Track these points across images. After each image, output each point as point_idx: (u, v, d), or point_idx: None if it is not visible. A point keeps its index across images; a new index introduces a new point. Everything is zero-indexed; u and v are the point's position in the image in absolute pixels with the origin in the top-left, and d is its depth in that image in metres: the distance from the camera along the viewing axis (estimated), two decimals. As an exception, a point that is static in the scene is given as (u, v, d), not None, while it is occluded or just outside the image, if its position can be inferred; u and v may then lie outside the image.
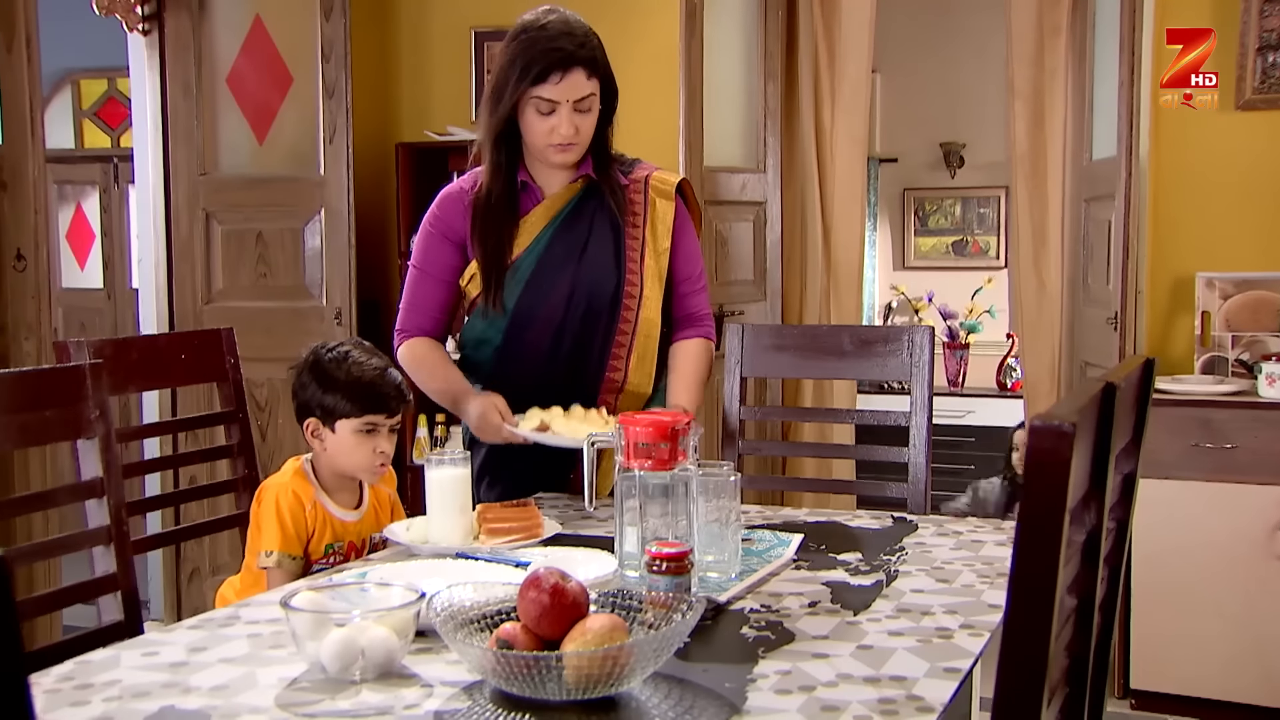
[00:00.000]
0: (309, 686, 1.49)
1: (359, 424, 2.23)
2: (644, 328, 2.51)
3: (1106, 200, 4.04)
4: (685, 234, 2.57)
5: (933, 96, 7.03)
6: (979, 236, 7.30)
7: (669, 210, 2.53)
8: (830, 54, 4.70)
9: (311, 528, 2.22)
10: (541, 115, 2.37)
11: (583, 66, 2.36)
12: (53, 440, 1.82)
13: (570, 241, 2.49)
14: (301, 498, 2.22)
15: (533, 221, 2.49)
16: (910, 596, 1.83)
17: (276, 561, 2.18)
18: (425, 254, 2.55)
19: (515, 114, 2.40)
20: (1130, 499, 1.75)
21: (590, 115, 2.41)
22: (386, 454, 2.28)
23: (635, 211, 2.53)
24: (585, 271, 2.48)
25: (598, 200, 2.51)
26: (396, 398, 2.28)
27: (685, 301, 2.58)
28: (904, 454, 2.57)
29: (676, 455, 1.84)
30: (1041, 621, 1.04)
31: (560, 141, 2.39)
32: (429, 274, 2.54)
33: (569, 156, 2.43)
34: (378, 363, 2.28)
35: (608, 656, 1.36)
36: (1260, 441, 3.63)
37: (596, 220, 2.51)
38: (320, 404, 2.25)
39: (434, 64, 4.97)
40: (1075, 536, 1.33)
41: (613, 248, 2.50)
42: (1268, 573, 3.62)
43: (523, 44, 2.37)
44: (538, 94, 2.35)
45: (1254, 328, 4.02)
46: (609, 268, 2.50)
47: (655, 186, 2.55)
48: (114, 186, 7.04)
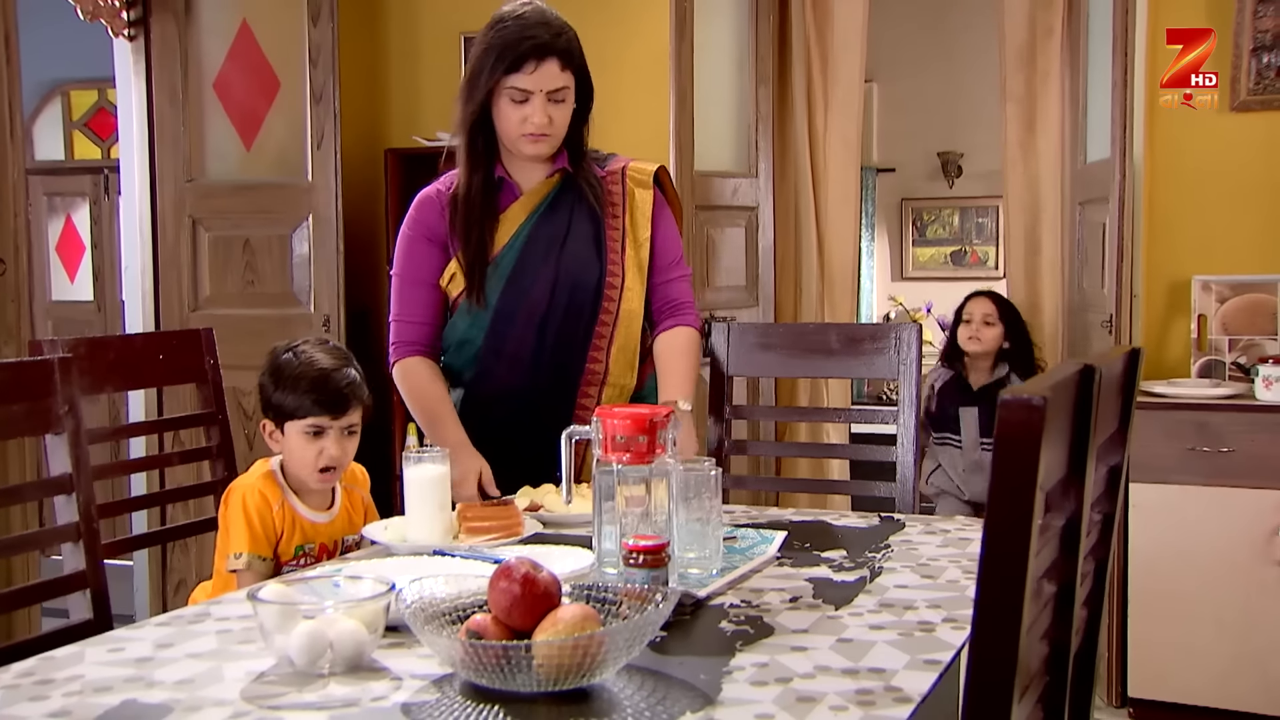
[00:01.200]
0: (276, 680, 1.45)
1: (304, 425, 2.13)
2: (625, 319, 2.48)
3: (1101, 203, 4.01)
4: (664, 221, 2.54)
5: (930, 106, 7.02)
6: (977, 246, 7.28)
7: (647, 199, 2.52)
8: (823, 58, 4.68)
9: (280, 529, 2.15)
10: (515, 104, 2.35)
11: (557, 57, 2.34)
12: (20, 435, 1.79)
13: (550, 235, 2.47)
14: (268, 498, 2.14)
15: (511, 216, 2.47)
16: (894, 592, 1.80)
17: (246, 563, 2.10)
18: (407, 259, 2.51)
19: (489, 105, 2.39)
20: (1116, 493, 1.71)
21: (564, 107, 2.39)
22: (335, 458, 2.14)
23: (614, 203, 2.50)
24: (566, 264, 2.46)
25: (575, 193, 2.49)
26: (345, 397, 2.15)
27: (666, 289, 2.54)
28: (892, 453, 2.53)
29: (655, 448, 1.81)
30: (1012, 599, 1.01)
31: (533, 131, 2.36)
32: (414, 279, 2.50)
33: (541, 148, 2.41)
34: (329, 361, 2.16)
35: (578, 646, 1.33)
36: (1257, 445, 3.59)
37: (575, 213, 2.48)
38: (271, 404, 2.17)
39: (423, 69, 4.95)
40: (1053, 521, 1.30)
41: (593, 240, 2.48)
42: (1266, 578, 3.58)
43: (497, 33, 2.35)
44: (512, 84, 2.34)
45: (1251, 331, 3.99)
46: (590, 260, 2.47)
47: (632, 176, 2.53)
48: (104, 198, 7.01)
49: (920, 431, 2.98)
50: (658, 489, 1.80)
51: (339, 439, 2.15)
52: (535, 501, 2.29)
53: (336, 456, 2.15)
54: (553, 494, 2.31)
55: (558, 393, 2.42)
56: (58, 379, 1.81)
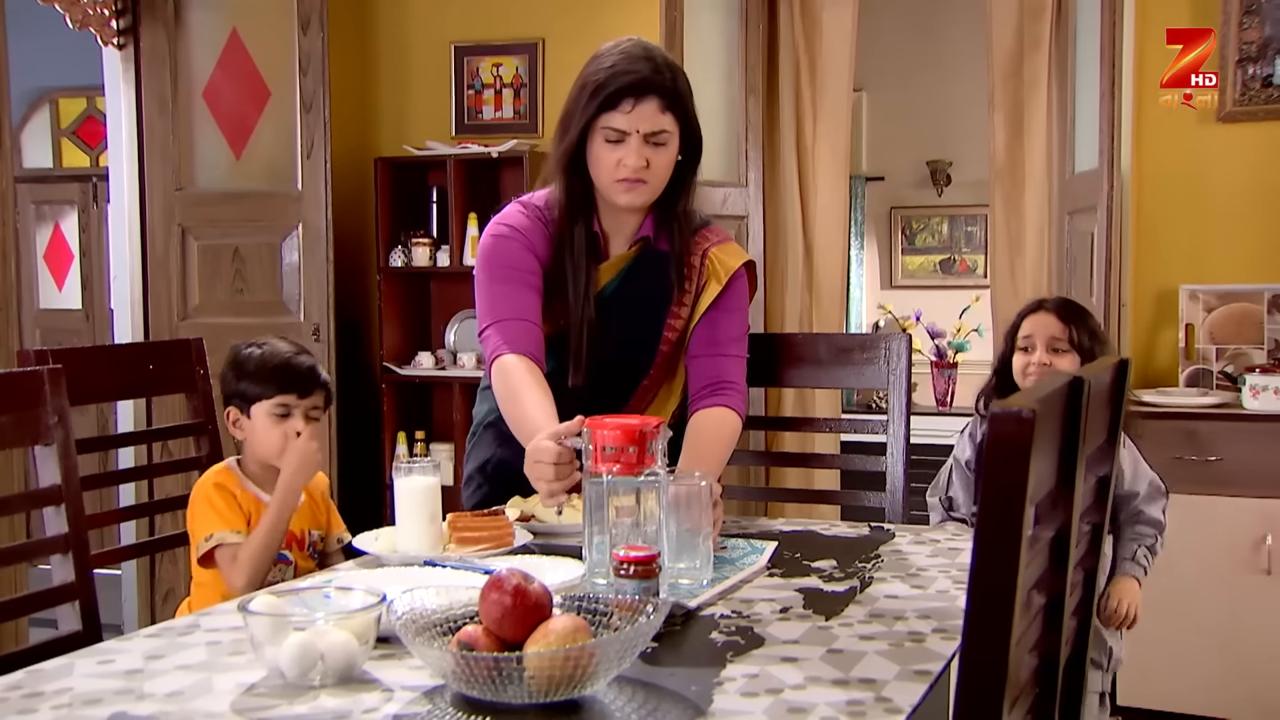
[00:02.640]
0: (266, 692, 1.45)
1: (272, 405, 2.27)
2: (664, 391, 2.38)
3: (1089, 213, 4.03)
4: (738, 299, 2.34)
5: (919, 115, 7.04)
6: (966, 255, 7.30)
7: (717, 290, 2.30)
8: (812, 69, 4.70)
9: (246, 511, 2.22)
10: (609, 146, 2.15)
11: (658, 96, 2.13)
12: (9, 446, 1.78)
13: (624, 308, 2.30)
14: (227, 485, 2.24)
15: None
16: (884, 602, 1.80)
17: (220, 540, 2.17)
18: (507, 258, 2.22)
19: (584, 146, 2.19)
20: (1105, 503, 1.72)
21: (664, 151, 2.17)
22: (303, 436, 2.27)
23: (689, 278, 2.30)
24: (622, 346, 2.30)
25: (652, 268, 2.30)
26: (308, 379, 2.29)
27: (717, 363, 2.30)
28: (881, 463, 2.54)
29: (645, 459, 1.81)
30: (1002, 612, 1.01)
31: (628, 175, 2.15)
32: (516, 278, 2.21)
33: (636, 197, 2.19)
34: (290, 348, 2.32)
35: (569, 657, 1.33)
36: (1245, 454, 3.61)
37: (646, 290, 2.30)
38: (236, 391, 2.29)
39: (413, 78, 4.96)
40: (1042, 533, 1.31)
41: (658, 324, 2.31)
42: (1253, 587, 3.59)
43: (595, 68, 2.17)
44: (607, 122, 2.13)
45: (1238, 340, 4.01)
46: (646, 344, 2.32)
47: (714, 266, 2.31)
48: (93, 206, 6.99)
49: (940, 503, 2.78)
50: (648, 499, 1.80)
51: (305, 420, 2.28)
52: (526, 512, 2.29)
53: (303, 433, 2.27)
54: (541, 505, 2.31)
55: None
56: (47, 390, 1.81)
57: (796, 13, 4.67)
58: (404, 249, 4.75)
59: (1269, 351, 3.96)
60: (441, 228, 4.74)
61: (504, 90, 4.84)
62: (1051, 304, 2.73)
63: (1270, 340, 3.97)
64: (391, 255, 4.75)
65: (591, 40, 4.68)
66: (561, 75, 4.69)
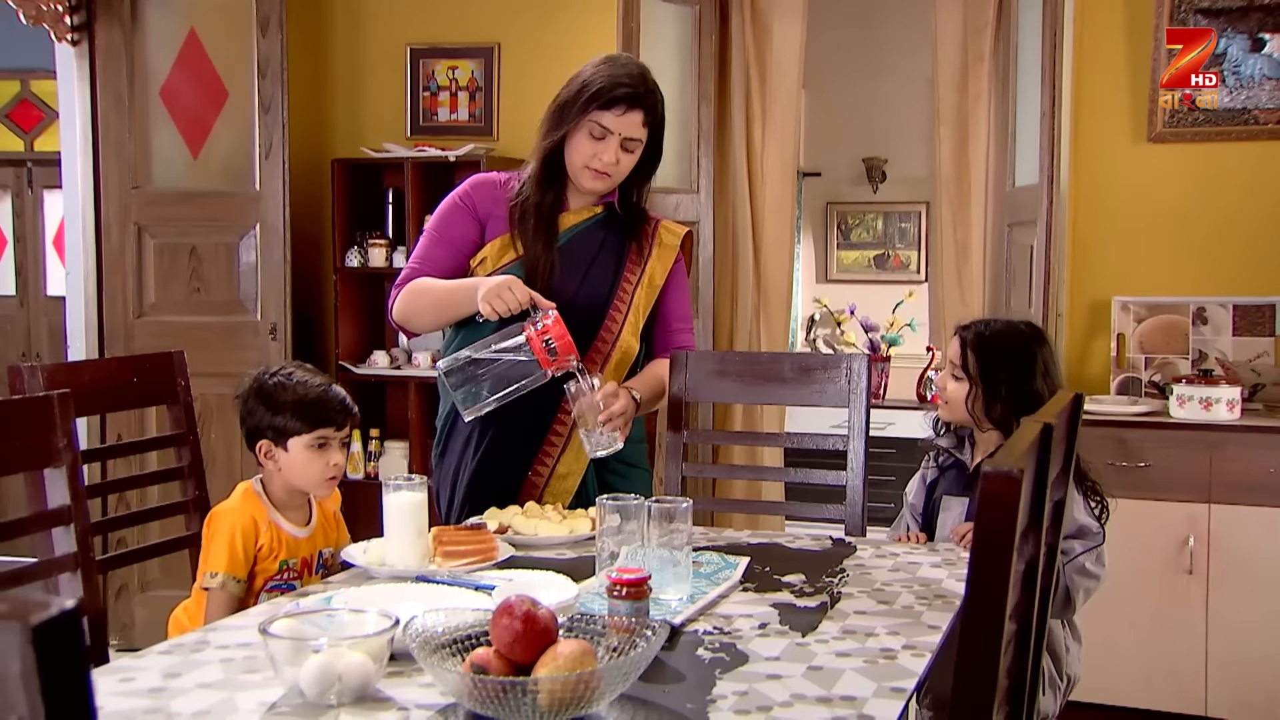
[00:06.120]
0: (289, 711, 1.54)
1: (310, 439, 2.31)
2: (621, 346, 2.64)
3: (1028, 225, 4.19)
4: (679, 280, 2.76)
5: (856, 112, 7.17)
6: (900, 251, 7.46)
7: (670, 256, 2.73)
8: (761, 76, 4.82)
9: (266, 548, 2.28)
10: (591, 139, 2.54)
11: (644, 111, 2.53)
12: (22, 470, 1.84)
13: (578, 257, 2.63)
14: (257, 520, 2.28)
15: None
16: (854, 618, 1.93)
17: (221, 583, 2.22)
18: (447, 222, 2.67)
19: (568, 134, 2.55)
20: (1059, 523, 1.86)
21: (631, 157, 2.58)
22: (339, 466, 2.36)
23: (641, 247, 2.71)
24: (583, 288, 2.61)
25: (611, 229, 2.69)
26: (343, 411, 2.36)
27: (674, 337, 2.76)
28: (842, 478, 2.67)
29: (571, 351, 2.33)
30: (991, 652, 1.13)
31: (599, 167, 2.55)
32: (446, 240, 2.66)
33: (600, 185, 2.60)
34: (322, 380, 2.38)
35: (580, 681, 1.44)
36: (1171, 460, 3.80)
37: (605, 245, 2.67)
38: (270, 425, 2.32)
39: (370, 81, 5.00)
40: (1017, 566, 1.44)
41: (612, 272, 2.66)
42: (1177, 585, 3.79)
43: (601, 70, 2.55)
44: (597, 118, 2.51)
45: (1165, 350, 4.20)
46: (604, 291, 2.63)
47: (662, 234, 2.74)
48: (27, 190, 6.91)
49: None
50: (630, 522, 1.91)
51: (340, 449, 2.36)
52: (503, 524, 2.40)
53: (341, 465, 2.35)
54: (519, 516, 2.43)
55: (544, 398, 2.51)
56: (58, 414, 1.87)
57: (748, 22, 4.78)
58: (360, 249, 4.80)
59: (1193, 361, 4.15)
60: (398, 228, 4.80)
61: (459, 93, 4.90)
62: (966, 330, 2.67)
63: (1195, 351, 4.16)
64: (348, 255, 4.79)
65: (547, 45, 4.77)
66: (517, 79, 4.77)
